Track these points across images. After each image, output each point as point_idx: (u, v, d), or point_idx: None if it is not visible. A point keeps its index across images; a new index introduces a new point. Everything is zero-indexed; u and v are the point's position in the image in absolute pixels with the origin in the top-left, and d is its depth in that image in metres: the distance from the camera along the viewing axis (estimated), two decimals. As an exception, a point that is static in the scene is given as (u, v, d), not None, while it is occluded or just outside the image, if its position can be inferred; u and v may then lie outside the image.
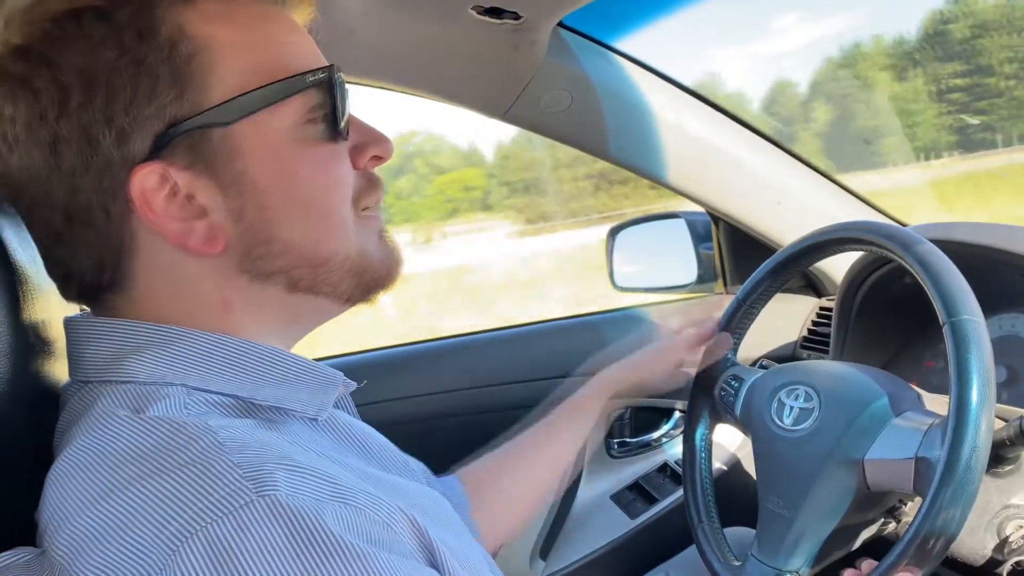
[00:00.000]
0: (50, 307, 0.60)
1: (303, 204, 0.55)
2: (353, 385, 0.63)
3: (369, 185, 0.60)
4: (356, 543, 0.42)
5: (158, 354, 0.52)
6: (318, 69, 0.55)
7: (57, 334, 0.60)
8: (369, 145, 0.59)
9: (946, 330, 0.68)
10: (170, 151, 0.51)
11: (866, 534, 0.82)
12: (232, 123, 0.52)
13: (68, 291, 0.57)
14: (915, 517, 0.65)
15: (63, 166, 0.51)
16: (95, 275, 0.54)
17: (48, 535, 0.45)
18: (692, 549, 1.18)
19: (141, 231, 0.53)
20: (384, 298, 0.63)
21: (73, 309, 0.61)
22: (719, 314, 0.99)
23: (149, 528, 0.41)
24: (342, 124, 0.56)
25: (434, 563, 0.48)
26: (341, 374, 0.60)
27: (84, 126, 0.50)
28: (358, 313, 0.64)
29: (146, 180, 0.51)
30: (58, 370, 0.61)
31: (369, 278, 0.59)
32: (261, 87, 0.53)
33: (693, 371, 0.97)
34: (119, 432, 0.47)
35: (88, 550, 0.42)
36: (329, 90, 0.56)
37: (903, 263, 0.75)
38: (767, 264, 0.93)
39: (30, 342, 0.58)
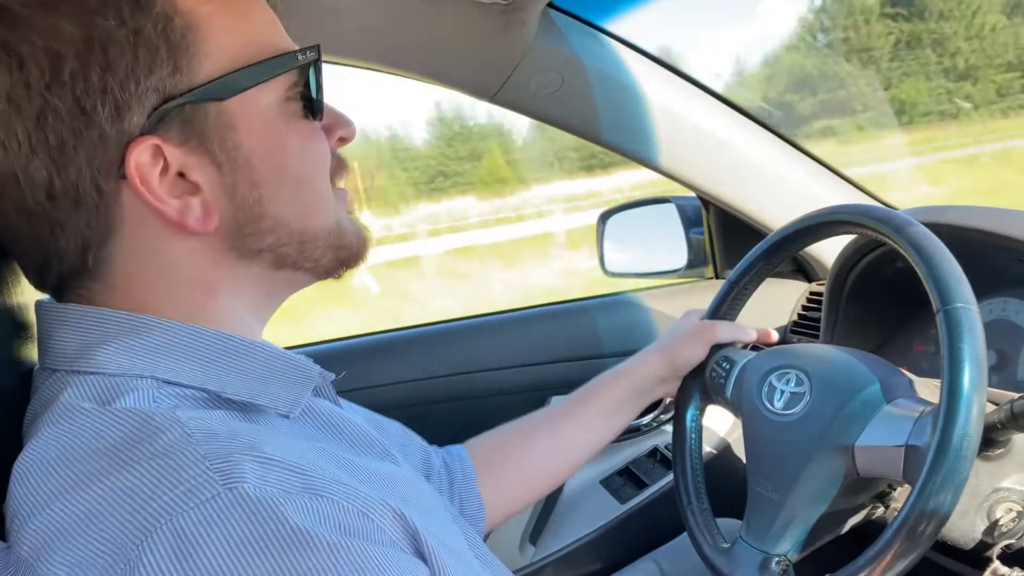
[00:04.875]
0: (25, 292, 0.59)
1: (293, 179, 0.56)
2: (332, 376, 0.63)
3: (339, 163, 0.61)
4: (325, 535, 0.41)
5: (128, 344, 0.51)
6: (307, 49, 0.56)
7: (32, 319, 0.59)
8: (336, 126, 0.61)
9: (939, 318, 0.67)
10: (165, 126, 0.50)
11: (855, 519, 0.82)
12: (226, 99, 0.52)
13: (44, 277, 0.55)
14: (905, 502, 0.65)
15: (50, 140, 0.48)
16: (77, 258, 0.52)
17: (14, 530, 0.44)
18: (681, 538, 1.19)
19: (130, 210, 0.51)
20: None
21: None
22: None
23: (115, 522, 0.40)
24: (318, 104, 0.57)
25: (420, 550, 0.47)
26: (318, 368, 0.59)
27: (78, 96, 0.48)
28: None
29: (141, 156, 0.49)
30: (33, 356, 0.60)
31: (345, 252, 0.61)
32: (253, 64, 0.53)
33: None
34: (85, 425, 0.46)
35: (54, 545, 0.41)
36: (313, 69, 0.57)
37: (896, 247, 0.74)
38: (759, 247, 0.92)
39: (6, 328, 0.57)
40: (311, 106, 0.57)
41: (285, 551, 0.40)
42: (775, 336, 0.98)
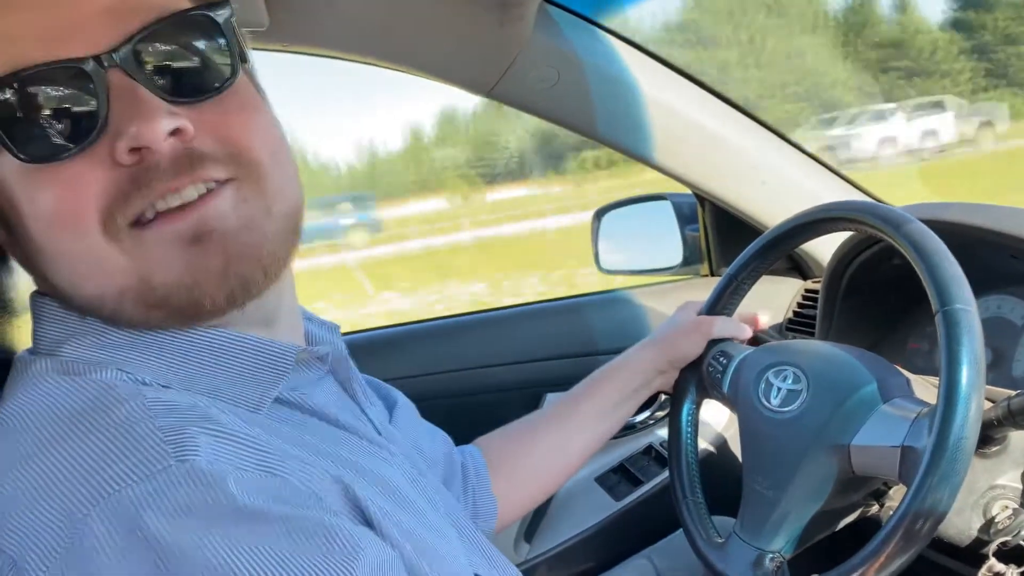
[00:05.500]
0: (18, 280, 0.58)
1: (42, 252, 0.49)
2: (324, 352, 0.60)
3: (136, 185, 0.47)
4: (272, 509, 0.41)
5: (92, 342, 0.51)
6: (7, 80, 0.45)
7: (20, 305, 0.59)
8: (122, 134, 0.46)
9: (939, 319, 0.67)
10: None
11: (849, 517, 0.82)
12: None
13: None
14: (901, 502, 0.65)
15: None
16: None
17: None
18: (675, 535, 1.19)
19: None
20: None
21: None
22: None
23: (65, 490, 0.40)
24: (11, 141, 0.46)
25: (368, 522, 0.47)
26: (291, 358, 0.54)
27: None
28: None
29: None
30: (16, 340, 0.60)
31: (175, 307, 0.49)
32: None
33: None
34: (48, 391, 0.46)
35: (10, 514, 0.41)
36: (28, 94, 0.45)
37: (895, 244, 0.74)
38: (757, 243, 0.92)
39: None
40: (18, 140, 0.45)
41: (231, 524, 0.39)
42: (764, 319, 0.98)
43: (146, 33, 0.47)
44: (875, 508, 0.82)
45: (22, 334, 0.60)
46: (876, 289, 1.09)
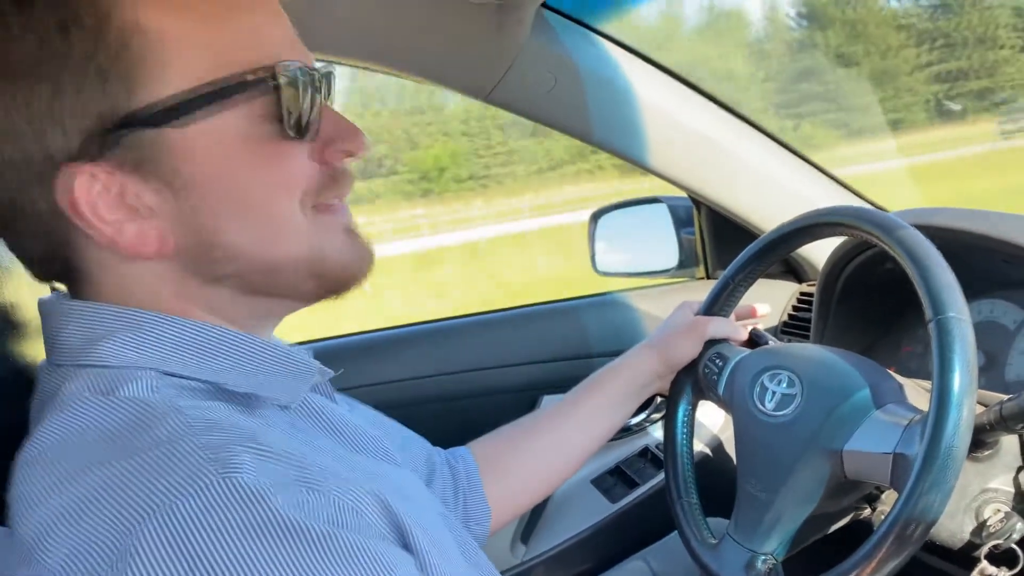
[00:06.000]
0: (20, 288, 0.58)
1: (244, 207, 0.52)
2: (330, 373, 0.62)
3: (331, 180, 0.56)
4: (316, 526, 0.41)
5: (130, 338, 0.51)
6: (267, 70, 0.51)
7: (28, 315, 0.59)
8: (337, 140, 0.56)
9: (932, 327, 0.68)
10: (100, 150, 0.48)
11: (841, 520, 0.82)
12: (176, 126, 0.49)
13: (33, 274, 0.56)
14: (893, 507, 0.66)
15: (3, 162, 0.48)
16: (47, 265, 0.53)
17: (18, 517, 0.45)
18: (671, 537, 1.20)
19: (76, 228, 0.50)
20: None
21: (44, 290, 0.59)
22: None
23: (112, 508, 0.41)
24: (292, 123, 0.52)
25: (406, 544, 0.48)
26: (317, 363, 0.59)
27: (9, 123, 0.47)
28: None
29: (73, 180, 0.48)
30: (29, 351, 0.60)
31: (331, 279, 0.57)
32: (215, 88, 0.49)
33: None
34: (87, 413, 0.47)
35: (54, 531, 0.41)
36: (290, 88, 0.51)
37: (889, 250, 0.74)
38: (753, 246, 0.93)
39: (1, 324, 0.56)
40: (292, 126, 0.52)
41: (277, 541, 0.40)
42: (763, 309, 0.99)
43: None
44: (867, 512, 0.82)
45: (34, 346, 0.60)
46: (871, 292, 1.09)
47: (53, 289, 0.59)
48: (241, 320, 0.56)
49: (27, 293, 0.60)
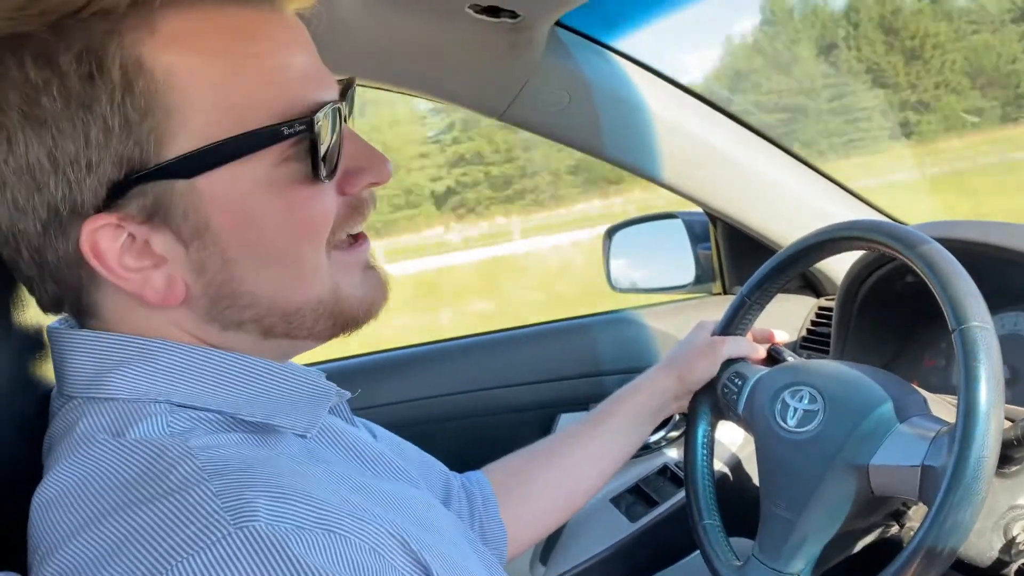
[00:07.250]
0: (39, 313, 0.59)
1: (271, 256, 0.51)
2: (348, 395, 0.62)
3: (353, 211, 0.54)
4: (336, 573, 0.41)
5: (142, 369, 0.50)
6: (299, 119, 0.49)
7: (46, 342, 0.59)
8: (365, 172, 0.54)
9: (955, 337, 0.67)
10: (125, 201, 0.47)
11: (868, 538, 0.81)
12: (196, 176, 0.47)
13: (42, 308, 0.55)
14: (922, 523, 0.65)
15: (11, 199, 0.48)
16: (58, 301, 0.53)
17: (35, 563, 0.45)
18: (693, 557, 1.18)
19: (96, 275, 0.49)
20: None
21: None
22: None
23: (129, 561, 0.40)
24: (324, 167, 0.50)
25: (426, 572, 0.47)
26: (334, 387, 0.58)
27: (31, 170, 0.47)
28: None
29: (97, 233, 0.47)
30: (48, 378, 0.60)
31: (345, 317, 0.55)
32: (229, 138, 0.47)
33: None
34: (100, 458, 0.46)
35: None
36: (322, 132, 0.49)
37: (909, 264, 0.74)
38: (771, 262, 0.92)
39: (20, 351, 0.57)
40: (318, 166, 0.50)
41: None
42: (780, 335, 0.98)
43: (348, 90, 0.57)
44: (895, 529, 0.81)
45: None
46: (890, 306, 1.08)
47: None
48: (258, 355, 0.55)
49: (43, 318, 0.60)
